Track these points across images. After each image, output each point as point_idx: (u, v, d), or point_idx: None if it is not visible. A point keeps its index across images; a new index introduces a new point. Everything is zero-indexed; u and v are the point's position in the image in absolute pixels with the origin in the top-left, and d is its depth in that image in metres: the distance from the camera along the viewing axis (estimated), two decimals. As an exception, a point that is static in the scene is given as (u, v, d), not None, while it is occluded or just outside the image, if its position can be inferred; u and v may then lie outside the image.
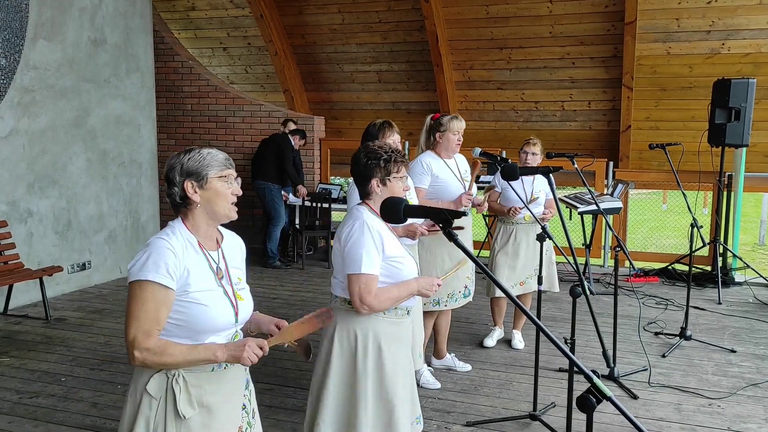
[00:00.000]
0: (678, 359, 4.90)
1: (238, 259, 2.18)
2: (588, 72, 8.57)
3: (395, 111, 9.82)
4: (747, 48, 7.78)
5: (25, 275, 5.73)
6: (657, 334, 5.46)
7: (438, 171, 4.23)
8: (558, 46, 8.47)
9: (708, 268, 7.36)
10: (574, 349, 3.55)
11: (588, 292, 3.44)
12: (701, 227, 5.16)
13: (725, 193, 7.29)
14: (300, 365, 4.73)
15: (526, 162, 4.95)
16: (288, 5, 9.35)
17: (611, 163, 8.13)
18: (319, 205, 8.13)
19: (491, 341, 5.16)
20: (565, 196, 7.21)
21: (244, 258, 2.23)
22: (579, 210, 6.64)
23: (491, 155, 4.31)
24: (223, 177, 2.04)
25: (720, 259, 7.13)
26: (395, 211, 2.05)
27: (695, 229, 5.12)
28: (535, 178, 4.89)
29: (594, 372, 1.53)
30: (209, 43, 10.28)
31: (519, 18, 8.41)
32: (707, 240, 6.65)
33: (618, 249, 4.53)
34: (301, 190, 7.95)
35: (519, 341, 5.14)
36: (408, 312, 2.73)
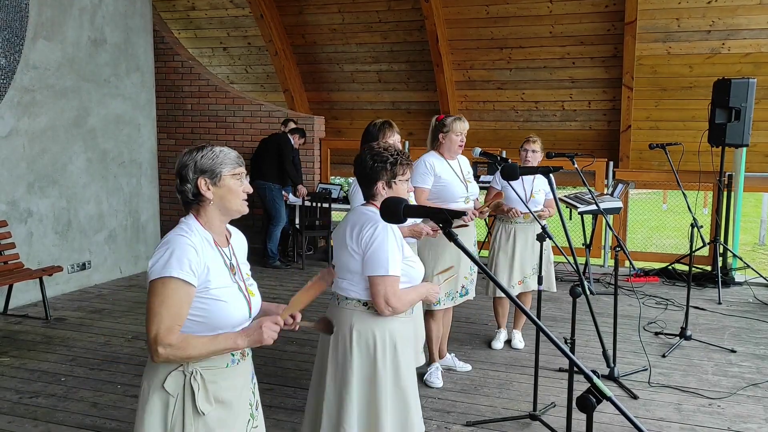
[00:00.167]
0: (678, 359, 4.90)
1: (244, 255, 2.22)
2: (588, 72, 8.57)
3: (395, 111, 9.82)
4: (747, 48, 7.78)
5: (25, 275, 5.74)
6: (657, 334, 5.46)
7: (441, 171, 4.24)
8: (558, 46, 8.47)
9: (708, 268, 7.36)
10: (574, 349, 3.55)
11: (588, 292, 3.44)
12: (701, 227, 5.16)
13: (725, 193, 7.29)
14: (300, 365, 4.73)
15: (526, 160, 4.96)
16: (288, 5, 9.35)
17: (611, 163, 8.13)
18: (319, 205, 8.13)
19: (498, 344, 5.16)
20: (565, 196, 7.21)
21: (246, 254, 2.27)
22: (579, 210, 6.64)
23: (491, 155, 4.31)
24: (236, 175, 2.08)
25: (720, 259, 7.13)
26: (395, 212, 2.05)
27: (695, 229, 5.12)
28: (535, 177, 4.89)
29: (594, 372, 1.53)
30: (209, 43, 10.28)
31: (519, 18, 8.41)
32: (707, 240, 6.65)
33: (618, 249, 4.53)
34: (301, 189, 7.95)
35: (519, 341, 5.15)
36: (413, 311, 2.77)
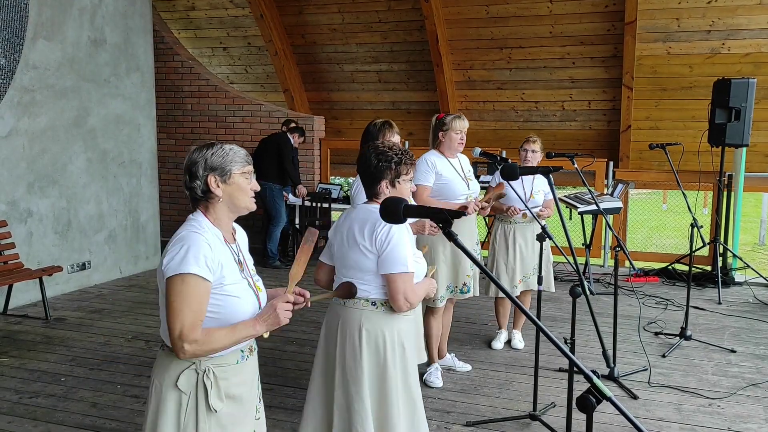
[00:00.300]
0: (678, 359, 4.90)
1: (246, 251, 2.25)
2: (588, 72, 8.57)
3: (395, 111, 9.82)
4: (747, 48, 7.78)
5: (25, 275, 5.73)
6: (657, 334, 5.46)
7: (442, 169, 4.25)
8: (558, 45, 8.47)
9: (708, 268, 7.36)
10: (573, 349, 3.55)
11: (588, 292, 3.44)
12: (701, 227, 5.16)
13: (725, 193, 7.29)
14: (300, 365, 4.73)
15: (526, 159, 4.96)
16: (288, 5, 9.35)
17: (611, 163, 8.13)
18: (319, 205, 8.12)
19: (499, 344, 5.16)
20: (565, 196, 7.21)
21: (247, 249, 2.30)
22: (579, 210, 6.64)
23: (491, 155, 4.32)
24: (245, 173, 2.10)
25: (720, 259, 7.13)
26: (395, 211, 2.05)
27: (695, 229, 5.12)
28: (535, 177, 4.89)
29: (594, 372, 1.53)
30: (209, 43, 10.28)
31: (519, 18, 8.41)
32: (707, 240, 6.65)
33: (618, 249, 4.53)
34: (301, 189, 7.95)
35: (519, 341, 5.15)
36: (415, 309, 2.79)
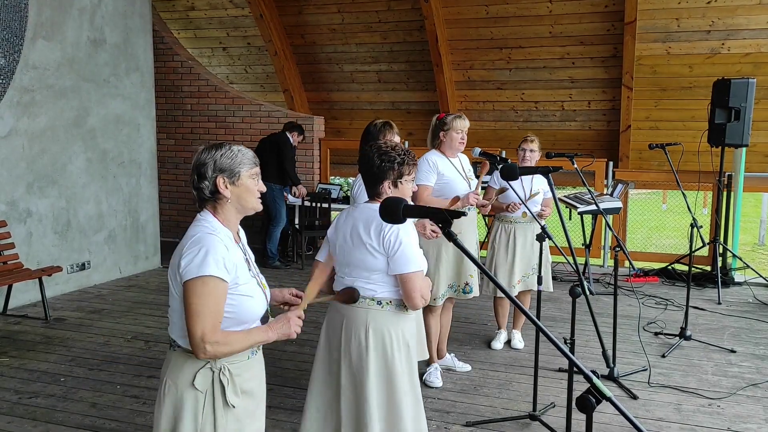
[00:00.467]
0: (678, 359, 4.89)
1: (248, 249, 2.28)
2: (588, 72, 8.57)
3: (395, 111, 9.82)
4: (747, 48, 7.78)
5: (25, 275, 5.73)
6: (657, 334, 5.46)
7: (443, 169, 4.25)
8: (558, 46, 8.46)
9: (708, 268, 7.36)
10: (573, 350, 3.55)
11: (588, 292, 3.44)
12: (701, 227, 5.16)
13: (725, 193, 7.29)
14: (299, 365, 4.73)
15: (524, 159, 4.96)
16: (288, 5, 9.35)
17: (611, 163, 8.13)
18: (319, 205, 8.12)
19: (498, 344, 5.16)
20: (565, 196, 7.21)
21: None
22: (579, 210, 6.64)
23: (491, 155, 4.31)
24: (253, 174, 2.13)
25: (720, 259, 7.13)
26: (395, 211, 2.04)
27: (695, 229, 5.12)
28: (533, 177, 4.89)
29: (594, 372, 1.53)
30: (209, 43, 10.28)
31: (519, 18, 8.41)
32: (707, 240, 6.65)
33: (618, 249, 4.53)
34: (301, 189, 7.95)
35: (519, 341, 5.14)
36: None
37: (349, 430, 2.63)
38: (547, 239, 3.66)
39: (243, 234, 2.29)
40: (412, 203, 2.27)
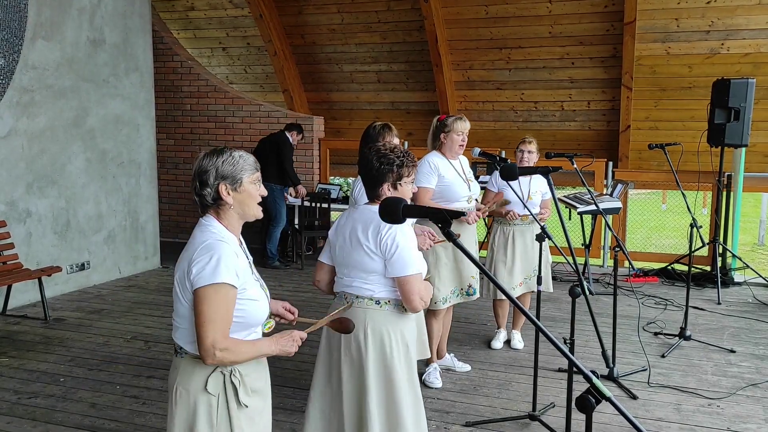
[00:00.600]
0: (677, 359, 4.89)
1: (248, 253, 2.31)
2: (587, 72, 8.57)
3: (394, 111, 9.82)
4: (746, 48, 7.78)
5: (24, 275, 5.73)
6: (656, 334, 5.46)
7: (444, 171, 4.24)
8: (557, 46, 8.46)
9: (707, 268, 7.36)
10: (573, 350, 3.55)
11: (587, 292, 3.44)
12: (701, 227, 5.16)
13: (724, 193, 7.29)
14: (299, 365, 4.72)
15: (522, 161, 4.96)
16: (287, 5, 9.35)
17: (610, 163, 8.13)
18: (318, 205, 8.12)
19: (498, 343, 5.17)
20: (565, 196, 7.21)
21: None
22: (578, 210, 6.64)
23: (490, 155, 4.32)
24: (254, 180, 2.14)
25: (719, 259, 7.13)
26: (395, 212, 2.04)
27: (694, 229, 5.12)
28: (532, 177, 4.89)
29: (593, 372, 1.53)
30: (208, 43, 10.28)
31: (518, 18, 8.41)
32: (706, 240, 6.65)
33: (617, 249, 4.53)
34: (301, 190, 7.95)
35: (518, 341, 5.14)
36: None
37: (351, 429, 2.64)
38: (547, 239, 3.66)
39: (241, 238, 2.31)
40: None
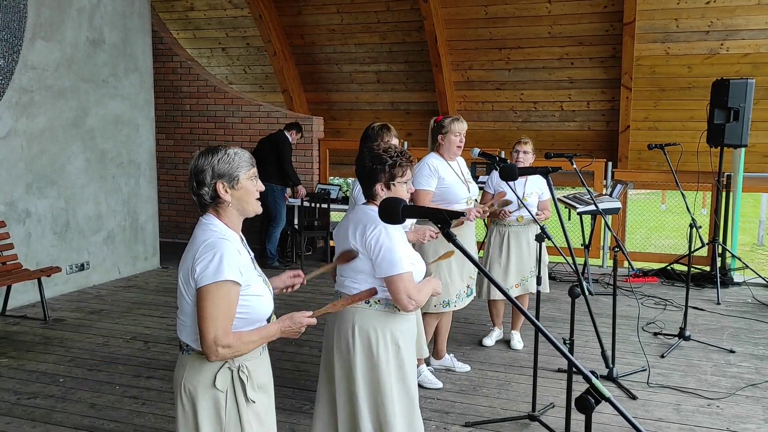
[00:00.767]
0: (677, 359, 4.90)
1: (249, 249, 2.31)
2: (587, 72, 8.57)
3: (394, 111, 9.82)
4: (746, 48, 7.78)
5: (24, 276, 5.73)
6: (656, 334, 5.46)
7: (444, 173, 4.25)
8: (557, 46, 8.46)
9: (707, 268, 7.36)
10: (572, 350, 3.55)
11: (587, 292, 3.44)
12: (700, 227, 5.16)
13: (724, 194, 7.29)
14: (298, 366, 4.73)
15: (518, 161, 4.98)
16: (287, 5, 9.35)
17: (610, 164, 8.13)
18: (318, 206, 8.12)
19: (490, 341, 5.18)
20: (564, 196, 7.21)
21: None
22: (578, 210, 6.64)
23: (490, 155, 4.31)
24: (251, 176, 2.15)
25: (719, 260, 7.13)
26: (394, 212, 2.05)
27: (694, 230, 5.12)
28: (528, 179, 4.90)
29: (593, 372, 1.53)
30: (208, 44, 10.27)
31: (518, 18, 8.41)
32: (706, 240, 6.65)
33: (617, 249, 4.53)
34: (301, 190, 7.94)
35: (518, 342, 5.15)
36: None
37: (345, 426, 2.70)
38: (546, 239, 3.67)
39: (241, 234, 2.31)
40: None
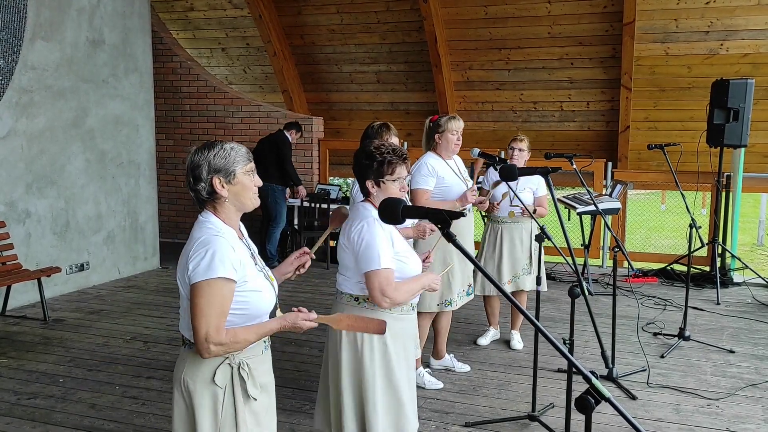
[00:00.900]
0: (676, 360, 4.90)
1: (251, 242, 2.31)
2: (586, 72, 8.57)
3: (394, 111, 9.82)
4: (745, 48, 7.78)
5: (24, 276, 5.73)
6: (656, 334, 5.46)
7: (443, 173, 4.25)
8: (557, 46, 8.46)
9: (706, 268, 7.36)
10: (572, 350, 3.56)
11: (586, 292, 3.44)
12: (700, 228, 5.16)
13: (724, 194, 7.29)
14: (298, 366, 4.73)
15: (512, 158, 5.00)
16: (287, 6, 9.35)
17: (610, 164, 8.13)
18: (318, 206, 8.12)
19: (485, 341, 5.19)
20: (564, 196, 7.21)
21: None
22: (578, 210, 6.64)
23: (490, 155, 4.32)
24: (248, 171, 2.14)
25: (718, 260, 7.13)
26: (394, 212, 2.06)
27: (694, 230, 5.12)
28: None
29: (593, 372, 1.53)
30: (208, 44, 10.27)
31: (518, 18, 8.41)
32: (706, 240, 6.65)
33: (617, 249, 4.53)
34: (301, 191, 7.94)
35: (518, 342, 5.15)
36: (413, 308, 2.79)
37: (335, 420, 2.74)
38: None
39: (244, 229, 2.32)
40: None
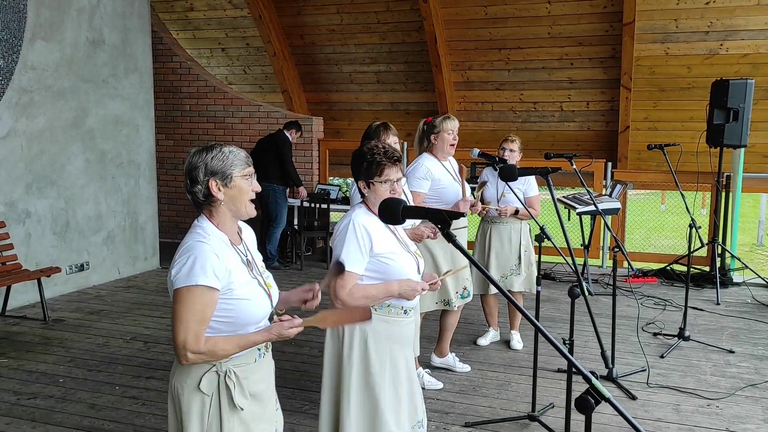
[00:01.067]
0: (676, 360, 4.90)
1: (254, 248, 2.28)
2: (586, 72, 8.57)
3: (394, 111, 9.82)
4: (745, 48, 7.78)
5: (23, 276, 5.73)
6: (655, 334, 5.46)
7: (439, 175, 4.25)
8: (556, 46, 8.47)
9: (706, 268, 7.36)
10: (572, 350, 3.56)
11: (586, 292, 3.44)
12: (699, 228, 5.16)
13: (723, 194, 7.29)
14: (298, 366, 4.73)
15: (503, 159, 5.00)
16: (286, 6, 9.35)
17: (610, 164, 8.13)
18: (318, 206, 8.12)
19: (484, 341, 5.20)
20: (564, 196, 7.22)
21: (255, 245, 2.32)
22: (577, 211, 6.64)
23: (489, 156, 4.32)
24: (246, 175, 2.11)
25: (718, 260, 7.13)
26: (394, 213, 2.07)
27: (694, 230, 5.12)
28: None
29: (592, 373, 1.53)
30: (208, 44, 10.27)
31: (517, 19, 8.41)
32: (705, 240, 6.65)
33: (616, 249, 4.53)
34: (302, 191, 7.94)
35: (517, 342, 5.15)
36: (406, 311, 2.75)
37: (325, 419, 2.84)
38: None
39: (250, 233, 2.28)
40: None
